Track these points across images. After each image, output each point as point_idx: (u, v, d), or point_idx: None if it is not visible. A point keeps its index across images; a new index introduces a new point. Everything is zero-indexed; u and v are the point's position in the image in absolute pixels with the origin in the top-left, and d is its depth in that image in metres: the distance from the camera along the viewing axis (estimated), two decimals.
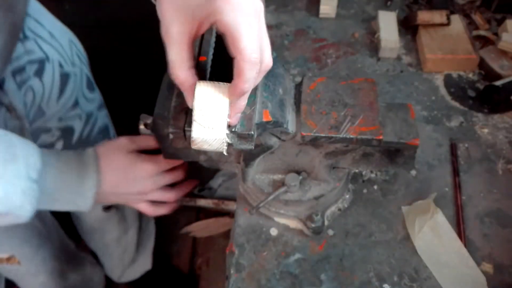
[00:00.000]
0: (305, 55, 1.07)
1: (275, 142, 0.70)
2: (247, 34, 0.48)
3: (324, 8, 1.13)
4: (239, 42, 0.48)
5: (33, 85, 0.88)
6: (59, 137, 0.98)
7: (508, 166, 0.86)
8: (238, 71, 0.50)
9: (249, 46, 0.48)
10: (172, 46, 0.52)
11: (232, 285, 0.74)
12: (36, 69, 0.89)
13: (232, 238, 0.80)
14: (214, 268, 1.62)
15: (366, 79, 0.73)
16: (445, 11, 1.04)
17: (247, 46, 0.48)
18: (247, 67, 0.49)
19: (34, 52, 0.89)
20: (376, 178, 0.85)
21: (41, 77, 0.90)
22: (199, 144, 0.56)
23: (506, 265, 0.74)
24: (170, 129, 0.63)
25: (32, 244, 1.03)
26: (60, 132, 0.98)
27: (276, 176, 0.77)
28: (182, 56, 0.52)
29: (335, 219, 0.80)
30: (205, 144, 0.56)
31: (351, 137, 0.67)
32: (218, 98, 0.55)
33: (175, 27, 0.51)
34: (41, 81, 0.90)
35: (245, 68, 0.50)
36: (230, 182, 1.68)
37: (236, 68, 0.50)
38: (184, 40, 0.52)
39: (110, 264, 1.39)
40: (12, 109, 0.86)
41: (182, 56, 0.52)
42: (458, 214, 0.79)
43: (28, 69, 0.87)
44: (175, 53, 0.52)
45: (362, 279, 0.74)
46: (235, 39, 0.48)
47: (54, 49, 0.93)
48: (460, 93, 0.98)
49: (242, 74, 0.50)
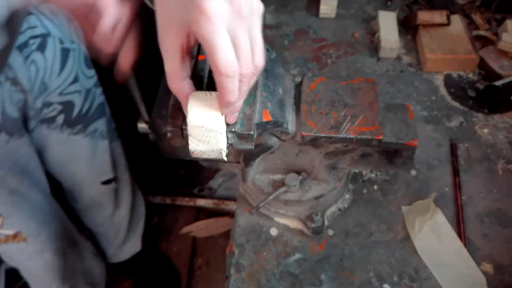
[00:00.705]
0: (305, 55, 1.07)
1: (275, 142, 0.70)
2: (222, 47, 0.47)
3: (324, 8, 1.13)
4: (213, 56, 0.48)
5: (36, 60, 0.92)
6: (60, 111, 1.02)
7: (508, 166, 0.86)
8: (219, 84, 0.50)
9: (223, 59, 0.48)
10: (166, 58, 0.53)
11: (232, 285, 0.74)
12: (38, 44, 0.92)
13: (232, 238, 0.80)
14: (214, 268, 1.62)
15: (366, 79, 0.73)
16: (445, 11, 1.05)
17: (221, 60, 0.48)
18: (225, 80, 0.49)
19: (37, 27, 0.92)
20: (376, 178, 0.85)
21: (44, 52, 0.93)
22: (197, 156, 0.57)
23: (506, 265, 0.74)
24: (168, 128, 0.63)
25: (38, 220, 1.05)
26: (61, 107, 1.01)
27: (276, 176, 0.77)
28: (176, 68, 0.53)
29: (335, 219, 0.80)
30: (203, 155, 0.57)
31: (351, 137, 0.67)
32: (211, 111, 0.55)
33: (167, 39, 0.52)
34: (44, 56, 0.93)
35: (224, 81, 0.50)
36: (230, 182, 1.69)
37: (216, 81, 0.50)
38: (177, 52, 0.52)
39: (104, 244, 1.44)
40: (17, 82, 0.90)
41: (176, 67, 0.53)
42: (458, 214, 0.79)
43: (31, 43, 0.91)
44: (169, 65, 0.53)
45: (362, 279, 0.74)
46: (210, 52, 0.48)
47: (54, 25, 0.96)
48: (460, 93, 0.98)
49: (223, 87, 0.50)
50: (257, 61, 0.52)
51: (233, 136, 0.60)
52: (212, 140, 0.56)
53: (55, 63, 0.96)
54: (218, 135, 0.56)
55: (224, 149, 0.57)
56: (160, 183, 1.70)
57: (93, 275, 1.36)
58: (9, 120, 0.90)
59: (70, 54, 0.99)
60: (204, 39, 0.48)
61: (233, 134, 0.60)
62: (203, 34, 0.47)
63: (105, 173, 1.22)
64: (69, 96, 1.02)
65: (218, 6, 0.47)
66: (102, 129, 1.14)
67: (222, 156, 0.57)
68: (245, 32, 0.50)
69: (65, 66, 0.98)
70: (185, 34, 0.51)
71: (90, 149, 1.13)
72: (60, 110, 1.02)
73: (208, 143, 0.56)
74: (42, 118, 1.01)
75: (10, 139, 0.91)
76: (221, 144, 0.56)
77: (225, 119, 0.57)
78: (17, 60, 0.90)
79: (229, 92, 0.51)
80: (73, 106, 1.04)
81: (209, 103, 0.56)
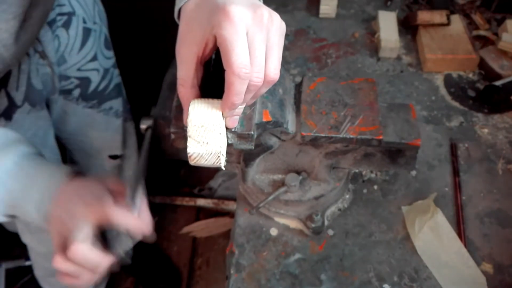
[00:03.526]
0: (305, 55, 1.07)
1: (275, 142, 0.70)
2: (238, 48, 0.50)
3: (324, 8, 1.13)
4: (230, 56, 0.50)
5: (60, 35, 0.98)
6: (76, 85, 1.06)
7: (508, 166, 0.86)
8: (228, 84, 0.52)
9: (239, 60, 0.50)
10: (180, 64, 0.56)
11: (232, 285, 0.74)
12: (64, 21, 0.98)
13: (232, 238, 0.80)
14: (214, 268, 1.62)
15: (366, 79, 0.73)
16: (445, 11, 1.05)
17: (237, 61, 0.50)
18: (236, 81, 0.51)
19: (65, 5, 0.98)
20: (376, 178, 0.85)
21: (68, 29, 0.99)
22: (195, 160, 0.57)
23: (506, 265, 0.74)
24: (171, 129, 0.63)
25: None
26: (78, 81, 1.06)
27: (276, 176, 0.77)
28: (189, 75, 0.56)
29: (335, 219, 0.80)
30: (201, 159, 0.57)
31: (351, 137, 0.67)
32: (212, 113, 0.56)
33: (186, 48, 0.55)
34: (67, 33, 0.99)
35: (234, 81, 0.51)
36: (230, 182, 1.68)
37: (226, 81, 0.52)
38: (193, 60, 0.55)
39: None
40: (45, 56, 0.95)
41: (187, 74, 0.56)
42: (458, 214, 0.79)
43: (58, 20, 0.97)
44: (183, 71, 0.56)
45: (362, 279, 0.74)
46: (226, 52, 0.50)
47: (80, 5, 1.02)
48: (460, 93, 0.98)
49: (232, 88, 0.52)
50: (269, 71, 0.54)
51: (233, 136, 0.60)
52: (211, 141, 0.56)
53: (77, 41, 1.01)
54: (217, 135, 0.56)
55: (222, 153, 0.57)
56: (160, 183, 1.70)
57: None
58: (33, 91, 0.94)
59: (91, 34, 1.04)
60: (224, 39, 0.50)
61: (233, 134, 0.60)
62: (224, 35, 0.50)
63: (114, 149, 1.24)
64: (86, 72, 1.06)
65: (241, 11, 0.51)
66: (118, 108, 1.18)
67: (220, 162, 0.57)
68: (262, 41, 0.53)
69: (86, 45, 1.03)
70: (204, 45, 0.54)
71: (103, 124, 1.17)
72: (77, 84, 1.06)
73: (207, 144, 0.56)
74: (60, 90, 1.05)
75: (31, 110, 0.95)
76: (220, 146, 0.56)
77: (226, 122, 0.57)
78: (46, 35, 0.94)
79: (236, 93, 0.52)
80: (90, 82, 1.08)
81: (211, 106, 0.57)
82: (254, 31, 0.52)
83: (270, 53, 0.54)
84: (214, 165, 0.57)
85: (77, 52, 1.03)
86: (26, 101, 0.93)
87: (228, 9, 0.50)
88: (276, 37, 0.54)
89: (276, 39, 0.54)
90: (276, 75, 0.55)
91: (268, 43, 0.53)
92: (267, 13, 0.53)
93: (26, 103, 0.93)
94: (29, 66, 0.92)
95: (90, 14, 1.04)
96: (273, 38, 0.54)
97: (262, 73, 0.53)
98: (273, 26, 0.54)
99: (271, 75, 0.54)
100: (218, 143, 0.56)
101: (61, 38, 0.98)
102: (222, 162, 0.57)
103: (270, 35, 0.54)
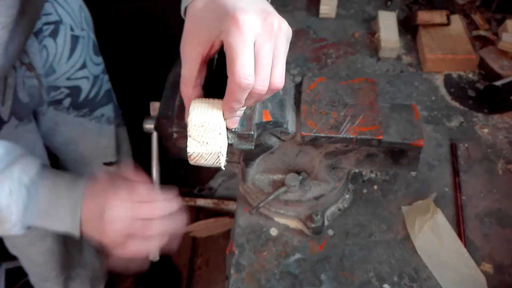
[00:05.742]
0: (305, 55, 1.07)
1: (275, 142, 0.70)
2: (243, 58, 0.49)
3: (324, 8, 1.13)
4: (234, 65, 0.50)
5: (48, 45, 0.96)
6: (67, 94, 1.05)
7: (508, 166, 0.86)
8: (228, 91, 0.52)
9: (242, 70, 0.49)
10: (184, 63, 0.56)
11: (232, 285, 0.74)
12: (51, 30, 0.96)
13: (232, 238, 0.80)
14: (214, 268, 1.62)
15: (366, 79, 0.73)
16: (445, 11, 1.05)
17: (240, 70, 0.49)
18: (237, 90, 0.51)
19: (51, 14, 0.96)
20: (376, 178, 0.85)
21: (55, 38, 0.97)
22: (195, 159, 0.57)
23: (506, 265, 0.74)
24: (174, 128, 0.63)
25: None
26: (68, 91, 1.04)
27: (276, 176, 0.77)
28: (193, 74, 0.56)
29: (335, 219, 0.80)
30: (201, 159, 0.57)
31: (351, 137, 0.67)
32: (212, 113, 0.56)
33: (191, 47, 0.55)
34: (55, 42, 0.97)
35: (235, 90, 0.51)
36: (230, 182, 1.68)
37: (228, 87, 0.52)
38: (198, 60, 0.55)
39: None
40: (31, 68, 0.93)
41: (190, 74, 0.56)
42: (458, 214, 0.79)
43: (45, 29, 0.95)
44: (187, 70, 0.56)
45: (362, 279, 0.74)
46: (231, 60, 0.50)
47: (67, 12, 1.00)
48: (460, 93, 0.98)
49: (232, 95, 0.52)
50: (274, 80, 0.53)
51: (233, 136, 0.60)
52: (211, 141, 0.56)
53: (65, 49, 1.00)
54: (217, 135, 0.56)
55: (222, 153, 0.57)
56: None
57: (93, 269, 1.36)
58: (19, 105, 0.92)
59: (79, 41, 1.02)
60: (230, 47, 0.50)
61: (233, 134, 0.60)
62: (231, 43, 0.50)
63: (108, 156, 1.23)
64: (76, 81, 1.05)
65: (251, 20, 0.50)
66: (109, 115, 1.17)
67: (220, 162, 0.57)
68: (270, 49, 0.52)
69: (74, 53, 1.02)
70: (209, 45, 0.54)
71: (95, 132, 1.16)
72: (67, 94, 1.05)
73: (207, 144, 0.56)
74: (49, 101, 1.04)
75: (18, 125, 0.93)
76: (219, 146, 0.56)
77: (226, 123, 0.57)
78: (33, 45, 0.92)
79: (235, 100, 0.53)
80: (80, 90, 1.07)
81: (212, 106, 0.57)
82: (263, 40, 0.51)
83: (277, 61, 0.53)
84: (214, 165, 0.57)
85: (66, 61, 1.01)
86: (13, 115, 0.90)
87: (237, 17, 0.49)
88: (283, 45, 0.54)
89: (283, 47, 0.54)
90: (281, 83, 0.54)
91: (275, 51, 0.53)
92: (277, 22, 0.52)
93: (12, 117, 0.90)
94: (15, 79, 0.89)
95: (77, 20, 1.02)
96: (280, 46, 0.53)
97: (267, 82, 0.53)
98: (281, 33, 0.53)
99: (276, 84, 0.54)
100: (218, 143, 0.56)
101: (49, 48, 0.96)
102: (222, 162, 0.57)
103: (278, 44, 0.53)
